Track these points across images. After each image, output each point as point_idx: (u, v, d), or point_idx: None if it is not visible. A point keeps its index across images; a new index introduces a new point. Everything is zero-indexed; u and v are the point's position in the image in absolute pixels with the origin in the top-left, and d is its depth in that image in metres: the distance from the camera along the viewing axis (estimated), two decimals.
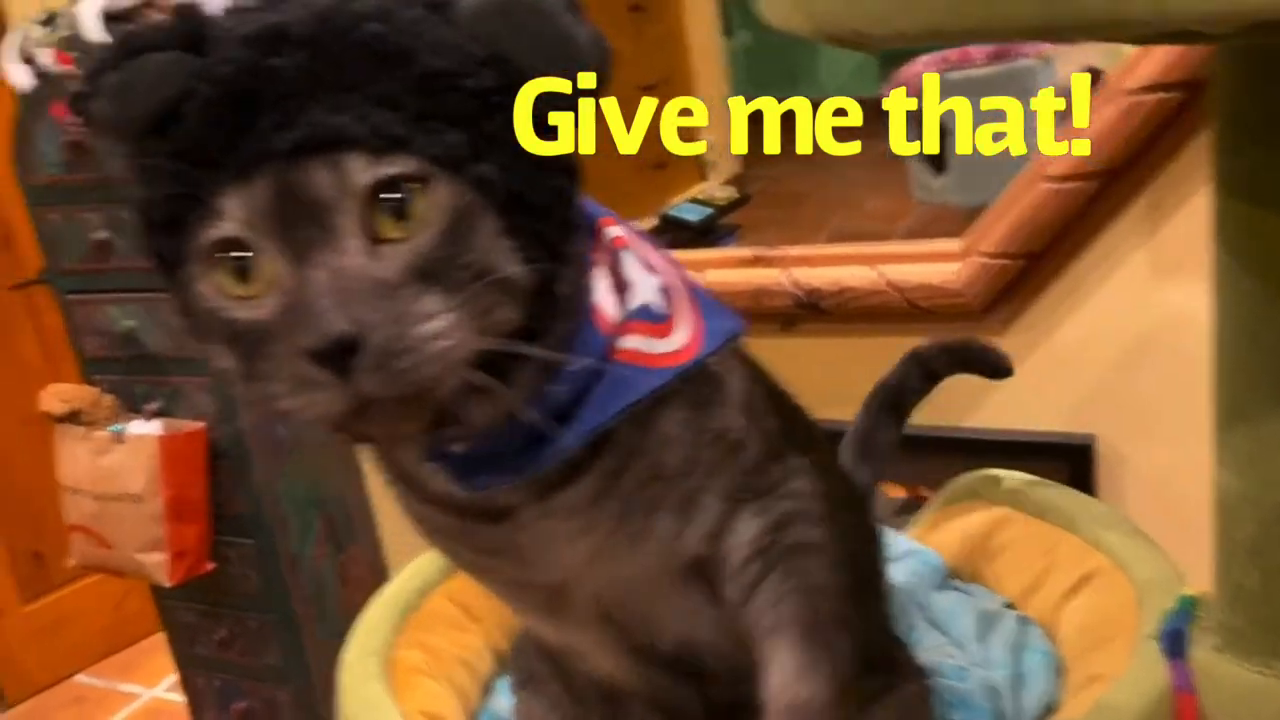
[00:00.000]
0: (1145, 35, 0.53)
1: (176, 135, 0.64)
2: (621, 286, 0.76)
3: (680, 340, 0.76)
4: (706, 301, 0.80)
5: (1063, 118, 1.49)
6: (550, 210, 0.68)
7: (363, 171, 0.62)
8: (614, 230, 0.78)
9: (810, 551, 0.82)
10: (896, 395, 1.17)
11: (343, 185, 0.62)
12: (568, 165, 0.69)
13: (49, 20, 1.90)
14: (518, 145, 0.65)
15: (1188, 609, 0.86)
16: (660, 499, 0.78)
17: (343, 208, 0.62)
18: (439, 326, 0.62)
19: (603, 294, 0.74)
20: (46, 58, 1.89)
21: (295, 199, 0.62)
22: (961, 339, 1.19)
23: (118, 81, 0.66)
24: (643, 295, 0.75)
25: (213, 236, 0.64)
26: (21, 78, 1.94)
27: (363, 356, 0.60)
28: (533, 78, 0.65)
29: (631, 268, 0.76)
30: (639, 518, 0.78)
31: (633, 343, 0.74)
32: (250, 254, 0.64)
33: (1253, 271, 0.73)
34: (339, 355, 0.60)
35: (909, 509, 1.60)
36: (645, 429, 0.76)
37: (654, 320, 0.75)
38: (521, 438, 0.72)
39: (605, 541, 0.78)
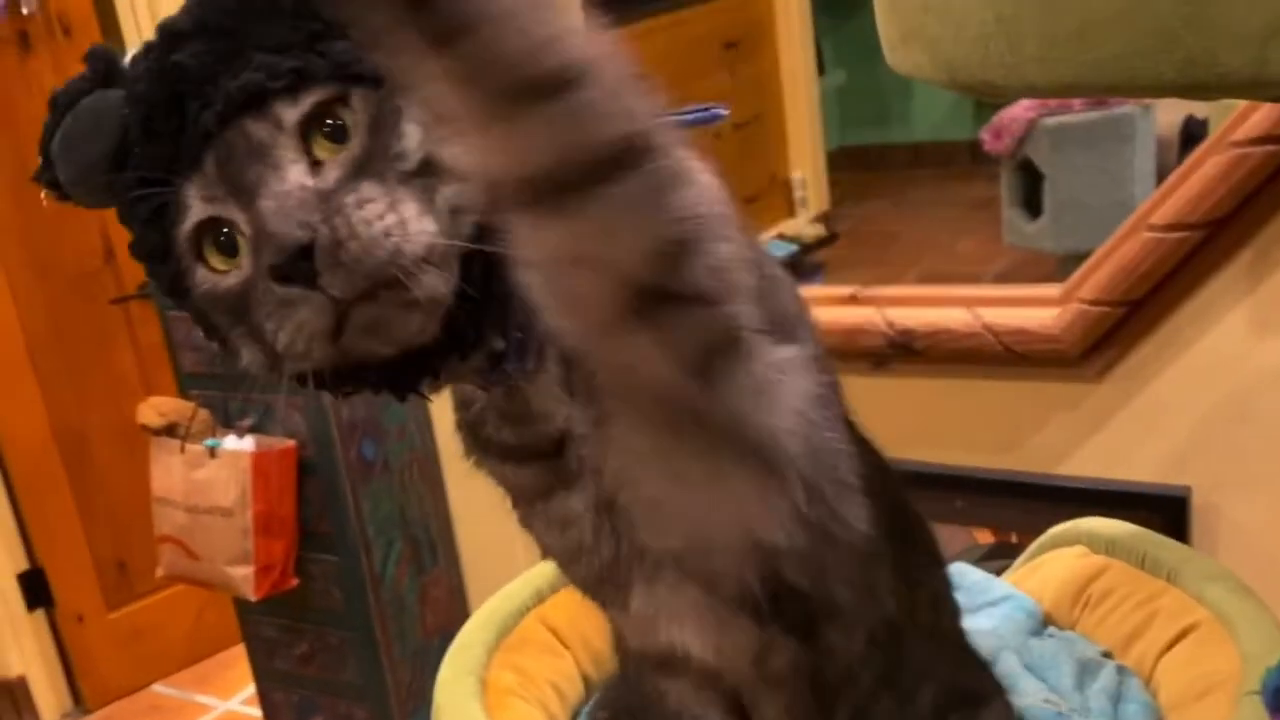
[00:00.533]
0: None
1: (131, 162, 0.68)
2: None
3: None
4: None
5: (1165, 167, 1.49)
6: None
7: (286, 111, 0.65)
8: None
9: None
10: None
11: (273, 128, 0.65)
12: None
13: None
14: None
15: None
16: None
17: (279, 144, 0.65)
18: (378, 209, 0.63)
19: None
20: None
21: (237, 156, 0.65)
22: None
23: (61, 142, 0.70)
24: None
25: (188, 228, 0.67)
26: None
27: (319, 257, 0.62)
28: None
29: None
30: None
31: None
32: (225, 229, 0.67)
33: None
34: (299, 263, 0.62)
35: (997, 554, 1.59)
36: None
37: None
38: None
39: None
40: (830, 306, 1.75)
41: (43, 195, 0.73)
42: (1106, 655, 1.07)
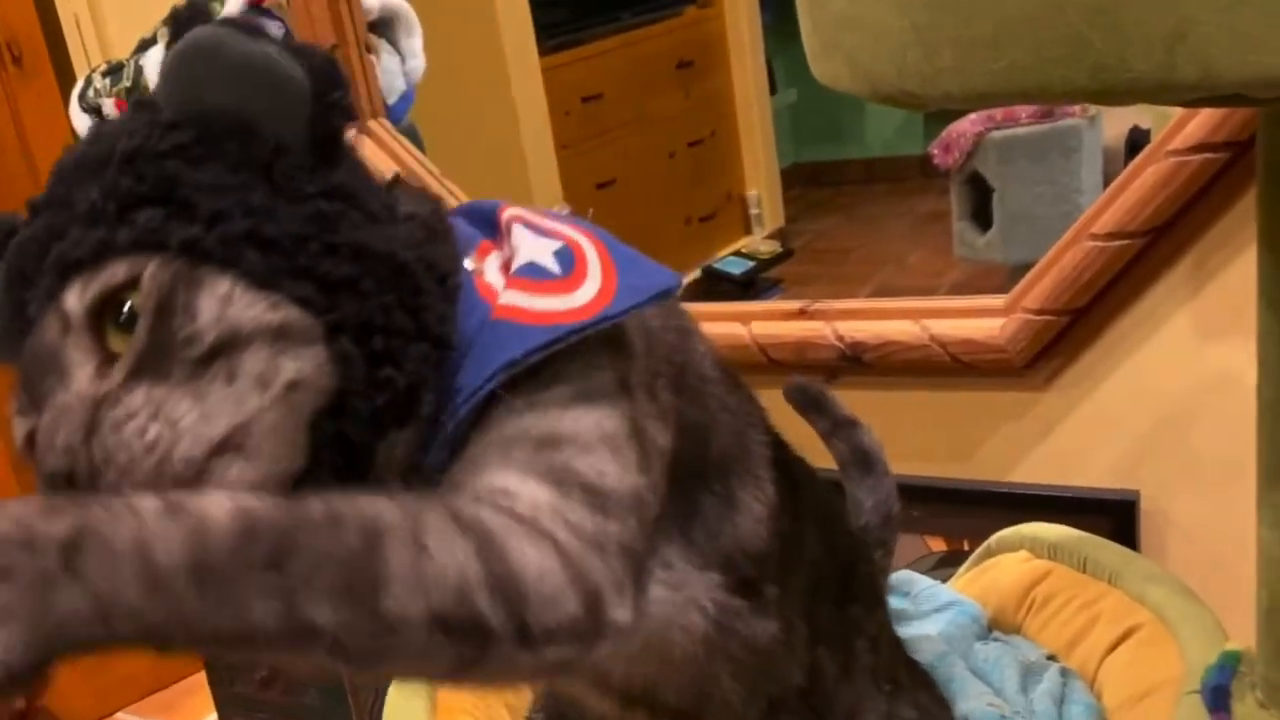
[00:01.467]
0: (1194, 99, 0.55)
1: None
2: (509, 257, 0.68)
3: (581, 298, 0.65)
4: (634, 262, 0.69)
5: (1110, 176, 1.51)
6: (318, 230, 0.60)
7: (78, 299, 0.58)
8: (510, 212, 0.71)
9: None
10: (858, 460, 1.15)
11: (64, 324, 0.58)
12: (336, 188, 0.61)
13: (112, 70, 1.95)
14: (244, 192, 0.59)
15: (1231, 664, 0.87)
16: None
17: (68, 343, 0.58)
18: (138, 424, 0.55)
19: (492, 272, 0.68)
20: (109, 107, 1.94)
21: (37, 358, 0.59)
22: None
23: None
24: (530, 256, 0.66)
25: (17, 448, 0.61)
26: (85, 126, 1.99)
27: (81, 487, 0.55)
28: (244, 125, 0.60)
29: (522, 238, 0.68)
30: None
31: (511, 298, 0.65)
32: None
33: None
34: (65, 487, 0.55)
35: (949, 562, 1.60)
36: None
37: (539, 276, 0.65)
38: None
39: None
40: (781, 321, 1.77)
41: None
42: (1051, 658, 1.08)
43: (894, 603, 1.18)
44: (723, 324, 1.79)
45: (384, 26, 2.04)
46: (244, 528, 0.50)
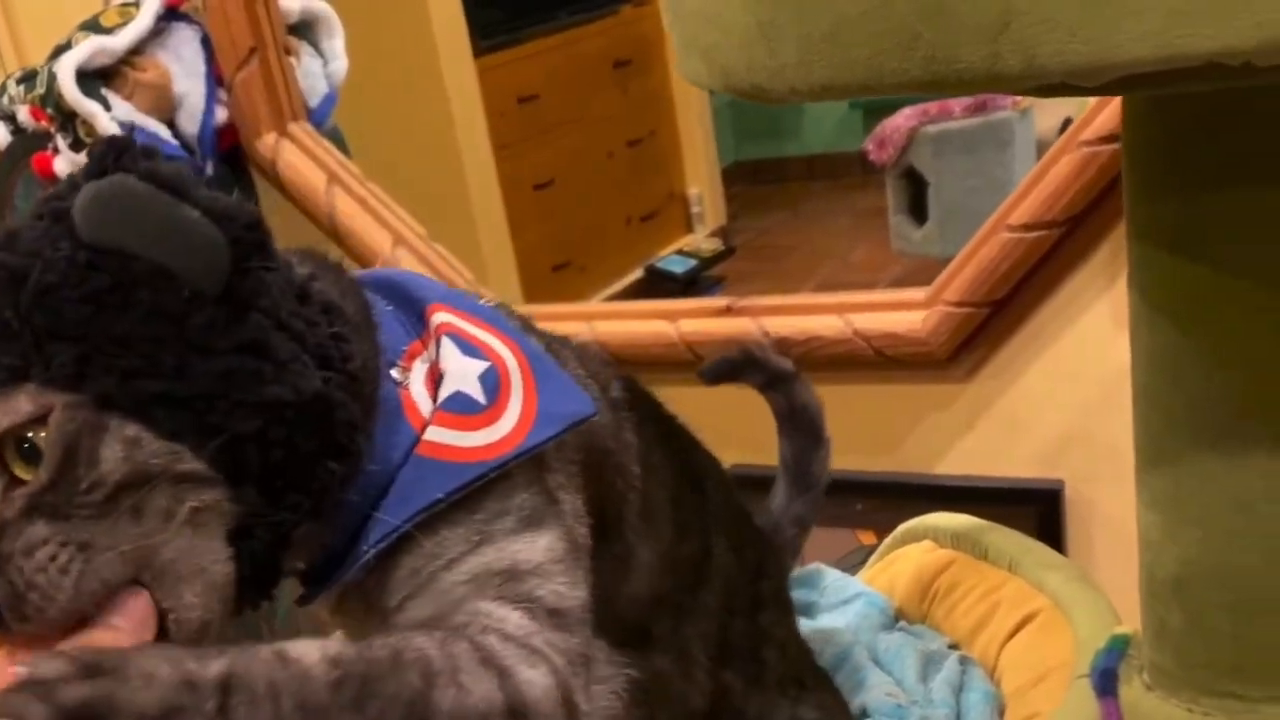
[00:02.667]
0: (1025, 88, 0.55)
1: None
2: (437, 379, 0.71)
3: (502, 429, 0.70)
4: (553, 383, 0.73)
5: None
6: (225, 388, 0.62)
7: None
8: (440, 316, 0.74)
9: None
10: (797, 417, 1.16)
11: None
12: (250, 343, 0.63)
13: (26, 77, 1.93)
14: (159, 346, 0.60)
15: (1119, 647, 0.87)
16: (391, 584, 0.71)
17: None
18: (49, 551, 0.58)
19: (418, 386, 0.71)
20: (24, 114, 1.92)
21: None
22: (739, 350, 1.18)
23: None
24: (458, 382, 0.70)
25: None
26: (0, 134, 1.97)
27: (6, 615, 0.58)
28: (162, 272, 0.61)
29: (451, 357, 0.71)
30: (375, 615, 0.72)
31: (437, 434, 0.69)
32: None
33: (1166, 315, 0.75)
34: None
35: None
36: (424, 542, 0.69)
37: (466, 410, 0.70)
38: (341, 545, 0.70)
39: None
40: (708, 318, 1.77)
41: None
42: (953, 647, 1.09)
43: (803, 596, 1.19)
44: (650, 322, 1.80)
45: (305, 29, 2.03)
46: (334, 675, 0.58)
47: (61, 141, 1.85)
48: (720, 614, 0.91)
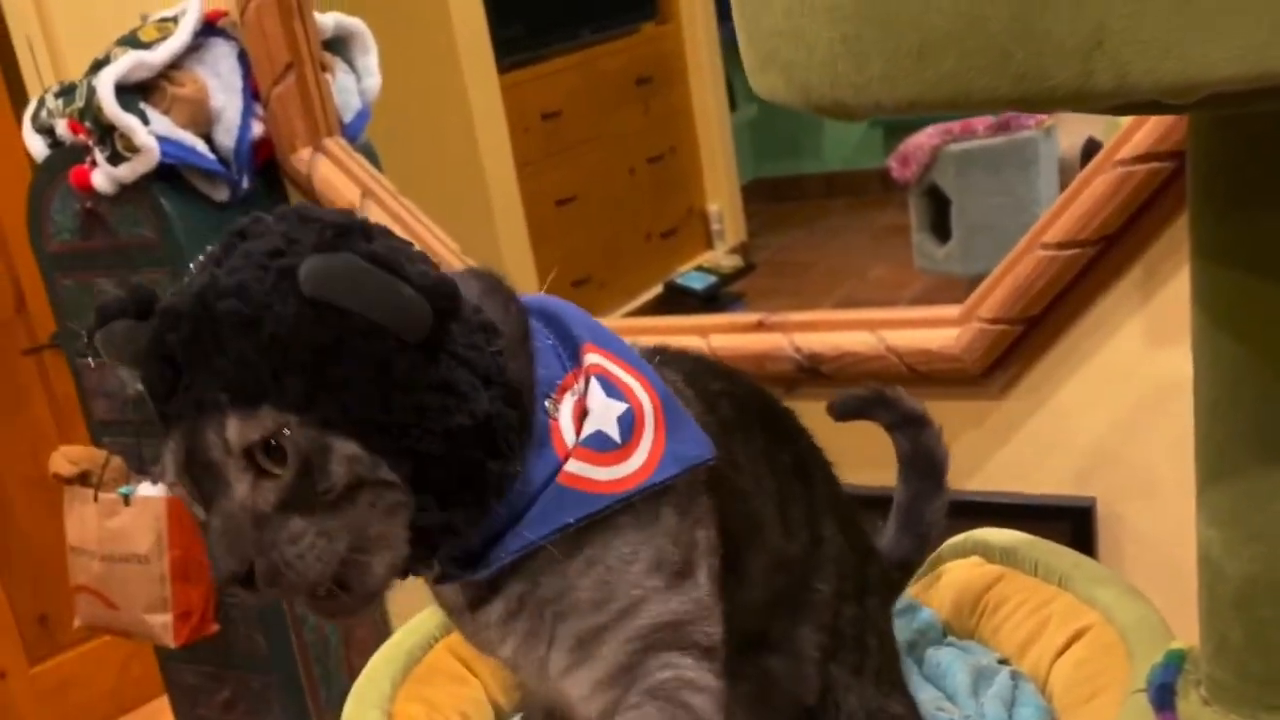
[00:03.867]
0: (1112, 106, 0.56)
1: (143, 377, 0.78)
2: (583, 413, 0.83)
3: (631, 466, 0.82)
4: (680, 428, 0.85)
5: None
6: (419, 420, 0.76)
7: (236, 437, 0.74)
8: (591, 357, 0.85)
9: None
10: (919, 461, 1.22)
11: (226, 447, 0.74)
12: (441, 382, 0.77)
13: (65, 91, 1.95)
14: (370, 384, 0.75)
15: (1176, 662, 0.88)
16: (558, 633, 0.85)
17: (228, 463, 0.75)
18: (307, 541, 0.75)
19: (565, 419, 0.83)
20: (62, 128, 1.93)
21: (197, 461, 0.75)
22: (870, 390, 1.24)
23: (102, 338, 0.81)
24: (598, 423, 0.82)
25: (164, 479, 0.79)
26: (37, 146, 1.99)
27: (259, 582, 0.75)
28: (374, 326, 0.75)
29: (596, 396, 0.83)
30: (540, 646, 0.86)
31: (576, 467, 0.82)
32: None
33: (1230, 332, 0.76)
34: (241, 585, 0.75)
35: None
36: (563, 559, 0.83)
37: (603, 448, 0.82)
38: (480, 544, 0.83)
39: (519, 659, 0.88)
40: (739, 334, 1.78)
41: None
42: (1003, 662, 1.10)
43: None
44: (682, 337, 1.80)
45: (339, 45, 2.05)
46: None
47: (99, 154, 1.87)
48: (833, 601, 1.00)
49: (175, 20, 1.91)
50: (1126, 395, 1.56)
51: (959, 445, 1.69)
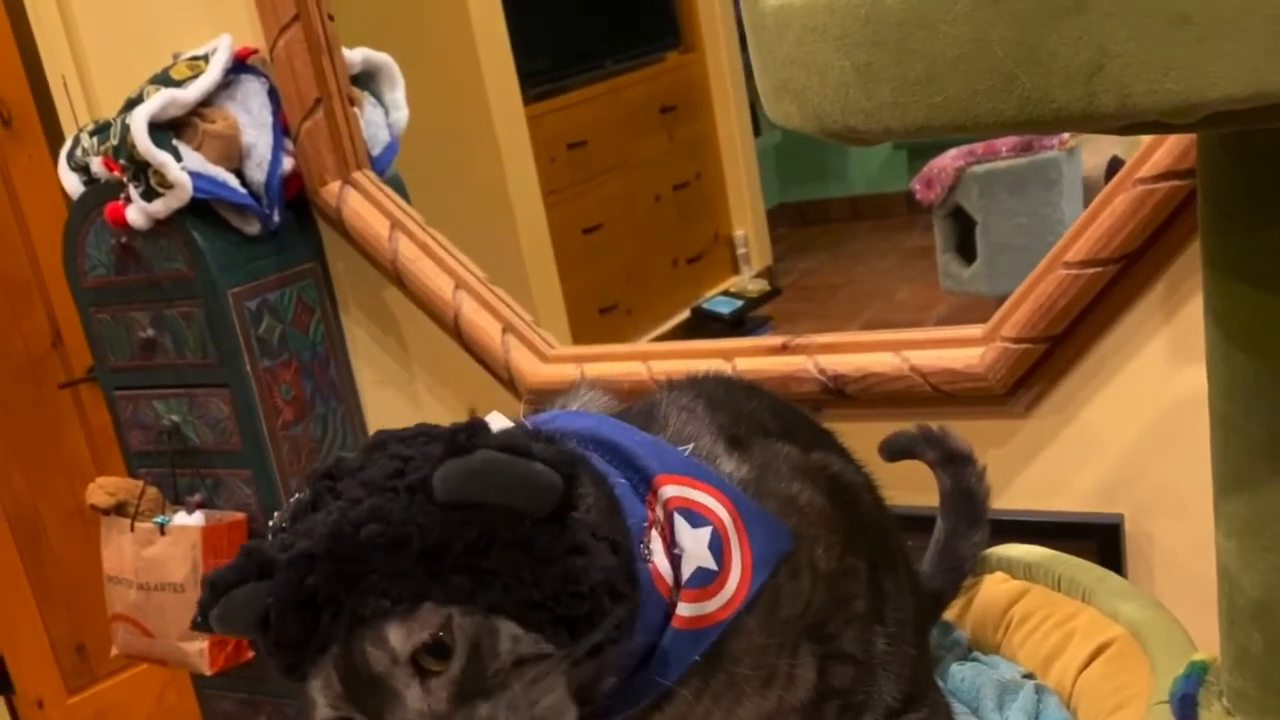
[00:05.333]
0: (1117, 126, 0.58)
1: (271, 638, 0.79)
2: (675, 553, 0.86)
3: (730, 588, 0.86)
4: (758, 525, 0.89)
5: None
6: (565, 586, 0.79)
7: (402, 642, 0.75)
8: (668, 490, 0.88)
9: None
10: (950, 498, 1.26)
11: (390, 655, 0.76)
12: (574, 546, 0.80)
13: (99, 129, 1.98)
14: (517, 565, 0.77)
15: (1198, 673, 0.89)
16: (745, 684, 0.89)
17: (394, 673, 0.76)
18: None
19: (659, 558, 0.86)
20: (97, 165, 1.97)
21: (359, 678, 0.76)
22: (920, 428, 1.30)
23: (217, 619, 0.81)
24: (695, 559, 0.86)
25: (316, 713, 0.79)
26: (73, 184, 2.02)
27: None
28: (510, 512, 0.78)
29: (684, 532, 0.86)
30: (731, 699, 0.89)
31: (689, 609, 0.85)
32: None
33: (1243, 345, 0.77)
34: None
35: None
36: (693, 698, 0.87)
37: (706, 583, 0.86)
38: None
39: None
40: (764, 356, 1.79)
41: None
42: (1029, 676, 1.10)
43: None
44: (707, 361, 1.81)
45: (367, 79, 2.08)
46: None
47: (133, 190, 1.90)
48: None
49: (206, 58, 1.95)
50: (1151, 412, 1.56)
51: (985, 463, 1.70)
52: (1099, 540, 1.60)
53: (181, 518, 2.02)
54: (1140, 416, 1.57)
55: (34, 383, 2.78)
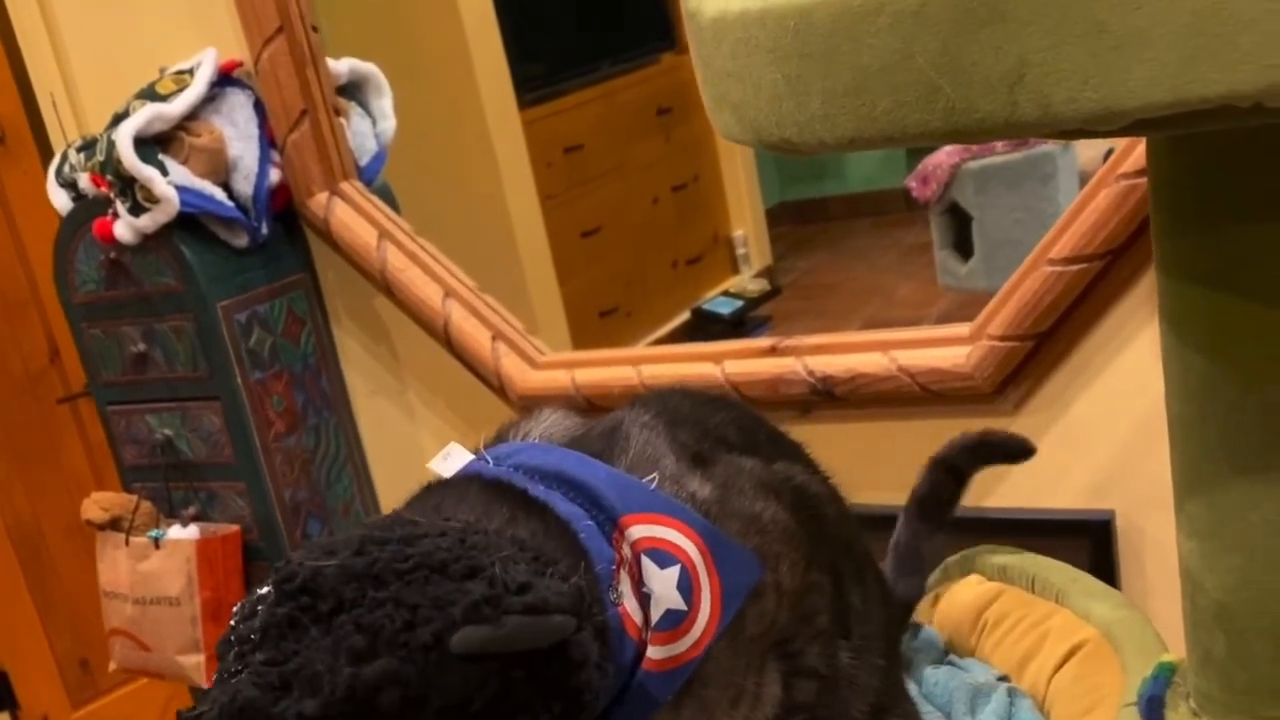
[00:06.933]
0: (1042, 134, 0.58)
1: None
2: (644, 592, 0.85)
3: (700, 626, 0.86)
4: (728, 558, 0.88)
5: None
6: (577, 697, 0.79)
7: None
8: (635, 531, 0.86)
9: None
10: (932, 504, 1.24)
11: None
12: (580, 664, 0.79)
13: (86, 145, 1.99)
14: (531, 699, 0.77)
15: (1166, 675, 0.89)
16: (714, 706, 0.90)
17: None
18: None
19: (629, 600, 0.85)
20: (84, 181, 1.98)
21: None
22: (979, 433, 1.27)
23: None
24: (664, 602, 0.85)
25: None
26: (61, 200, 2.03)
27: None
28: (524, 655, 0.75)
29: (652, 575, 0.86)
30: None
31: (658, 652, 0.85)
32: None
33: (1196, 347, 0.77)
34: None
35: None
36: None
37: (675, 624, 0.85)
38: None
39: None
40: (753, 359, 1.79)
41: None
42: (1003, 679, 1.10)
43: None
44: (696, 364, 1.82)
45: (354, 89, 2.09)
46: None
47: (121, 206, 1.91)
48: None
49: (191, 72, 1.95)
50: (1140, 407, 1.56)
51: None
52: (1090, 537, 1.60)
53: (176, 531, 2.03)
54: (1129, 412, 1.57)
55: (33, 398, 2.79)
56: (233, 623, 0.78)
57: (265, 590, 0.77)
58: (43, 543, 2.84)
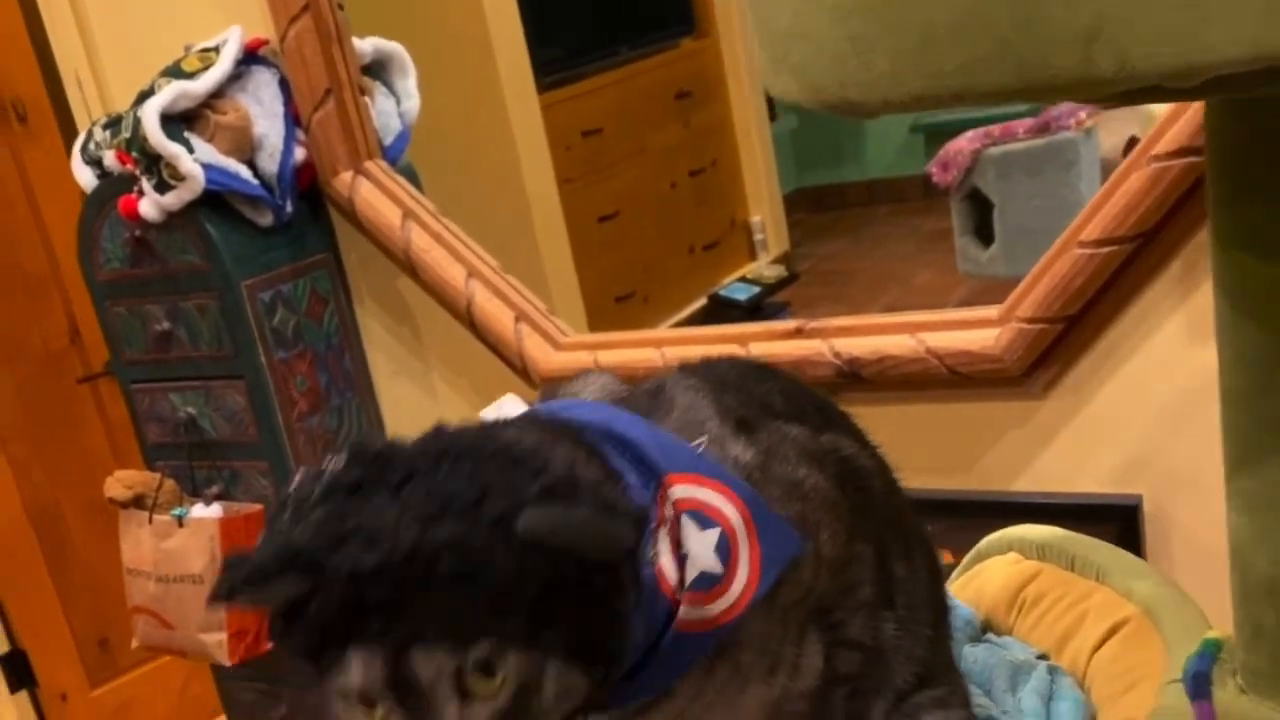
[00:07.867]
0: (1115, 93, 0.57)
1: (309, 628, 0.76)
2: (682, 554, 0.85)
3: (737, 589, 0.85)
4: (770, 530, 0.87)
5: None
6: (617, 625, 0.79)
7: (450, 659, 0.74)
8: (678, 490, 0.86)
9: None
10: None
11: (438, 670, 0.74)
12: (626, 589, 0.79)
13: (112, 123, 1.99)
14: (576, 609, 0.77)
15: (1212, 651, 0.88)
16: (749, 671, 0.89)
17: (440, 684, 0.74)
18: None
19: (665, 558, 0.84)
20: (110, 159, 1.97)
21: (403, 680, 0.74)
22: None
23: (246, 598, 0.77)
24: (700, 564, 0.84)
25: (345, 685, 0.76)
26: (86, 178, 2.03)
27: None
28: (582, 560, 0.76)
29: (691, 535, 0.85)
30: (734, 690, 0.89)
31: (690, 613, 0.84)
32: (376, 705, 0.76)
33: (1253, 319, 0.76)
34: None
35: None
36: (689, 701, 0.88)
37: (710, 586, 0.84)
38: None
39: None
40: (779, 341, 1.78)
41: None
42: (1042, 657, 1.10)
43: None
44: (722, 347, 1.81)
45: (379, 68, 2.08)
46: None
47: (146, 184, 1.91)
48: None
49: (217, 50, 1.95)
50: (1169, 391, 1.55)
51: (1002, 446, 1.70)
52: (1118, 521, 1.59)
53: (199, 510, 2.03)
54: (1158, 396, 1.56)
55: (53, 378, 2.80)
56: (290, 489, 0.80)
57: (333, 459, 0.79)
58: (62, 522, 2.85)
